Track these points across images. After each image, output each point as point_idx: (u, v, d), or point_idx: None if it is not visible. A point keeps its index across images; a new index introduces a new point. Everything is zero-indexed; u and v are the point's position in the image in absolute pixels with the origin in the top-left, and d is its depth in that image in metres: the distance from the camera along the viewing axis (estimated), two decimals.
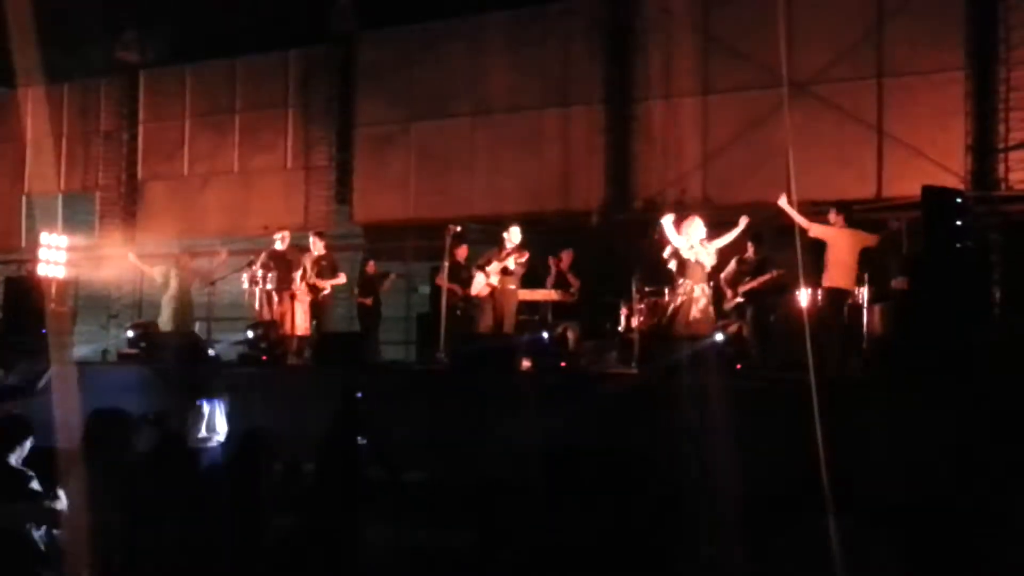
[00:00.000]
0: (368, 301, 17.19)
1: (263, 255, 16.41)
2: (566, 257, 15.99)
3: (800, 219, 13.15)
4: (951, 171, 15.26)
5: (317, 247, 16.29)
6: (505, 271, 14.60)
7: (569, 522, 7.32)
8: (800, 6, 16.64)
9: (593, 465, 7.71)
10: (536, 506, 7.88)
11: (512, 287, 14.77)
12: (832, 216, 13.37)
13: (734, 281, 14.31)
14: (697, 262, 13.06)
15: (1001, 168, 15.40)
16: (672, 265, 13.33)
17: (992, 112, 15.45)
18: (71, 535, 7.15)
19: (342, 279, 16.45)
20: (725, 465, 9.28)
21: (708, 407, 10.27)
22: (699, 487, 9.07)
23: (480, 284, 14.76)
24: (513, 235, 14.87)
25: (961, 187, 14.64)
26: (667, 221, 13.25)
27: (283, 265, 16.19)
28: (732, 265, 14.25)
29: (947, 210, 12.15)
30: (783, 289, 13.92)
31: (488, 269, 14.71)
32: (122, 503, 7.47)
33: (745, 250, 14.28)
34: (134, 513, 7.18)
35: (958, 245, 11.96)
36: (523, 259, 14.67)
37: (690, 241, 13.11)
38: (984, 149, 15.43)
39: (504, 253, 14.78)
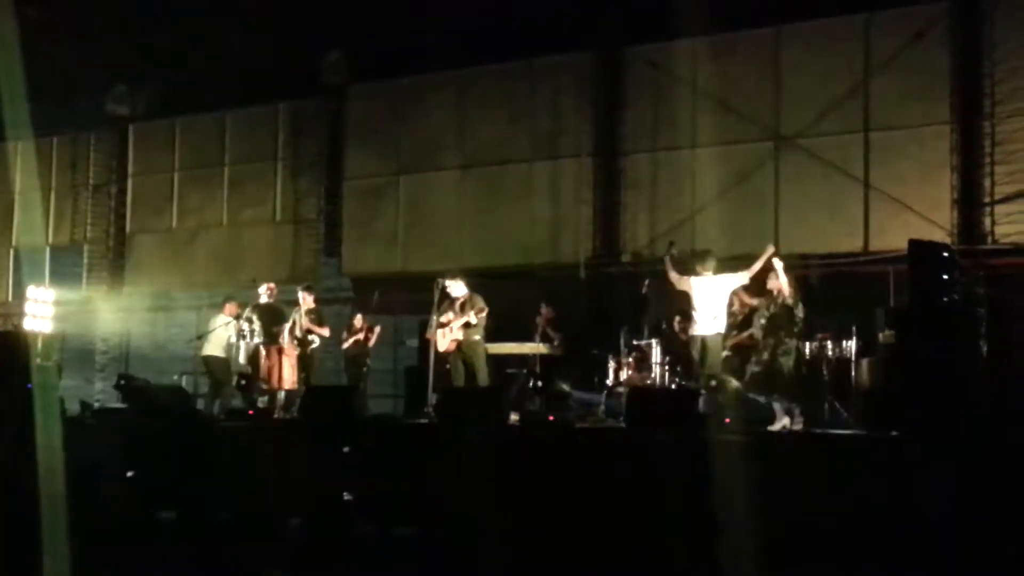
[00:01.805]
0: (354, 341, 17.13)
1: (247, 308, 16.37)
2: (546, 312, 15.99)
3: (672, 275, 13.12)
4: (938, 224, 15.32)
5: (306, 301, 16.25)
6: (467, 325, 14.39)
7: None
8: (788, 61, 16.79)
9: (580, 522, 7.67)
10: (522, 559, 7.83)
11: (476, 338, 14.52)
12: (700, 266, 13.18)
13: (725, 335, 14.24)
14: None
15: (987, 222, 15.45)
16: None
17: (978, 166, 15.52)
18: None
19: (325, 332, 16.37)
20: (709, 519, 9.25)
21: (695, 460, 10.22)
22: (688, 541, 9.02)
23: (445, 341, 14.51)
24: (454, 289, 14.69)
25: (948, 240, 14.70)
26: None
27: (269, 318, 16.13)
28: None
29: (934, 263, 12.18)
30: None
31: (452, 325, 14.46)
32: None
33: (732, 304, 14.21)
34: None
35: (945, 299, 11.99)
36: (483, 314, 14.43)
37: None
38: (970, 202, 15.49)
39: (459, 305, 14.50)
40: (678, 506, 9.95)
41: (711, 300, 12.95)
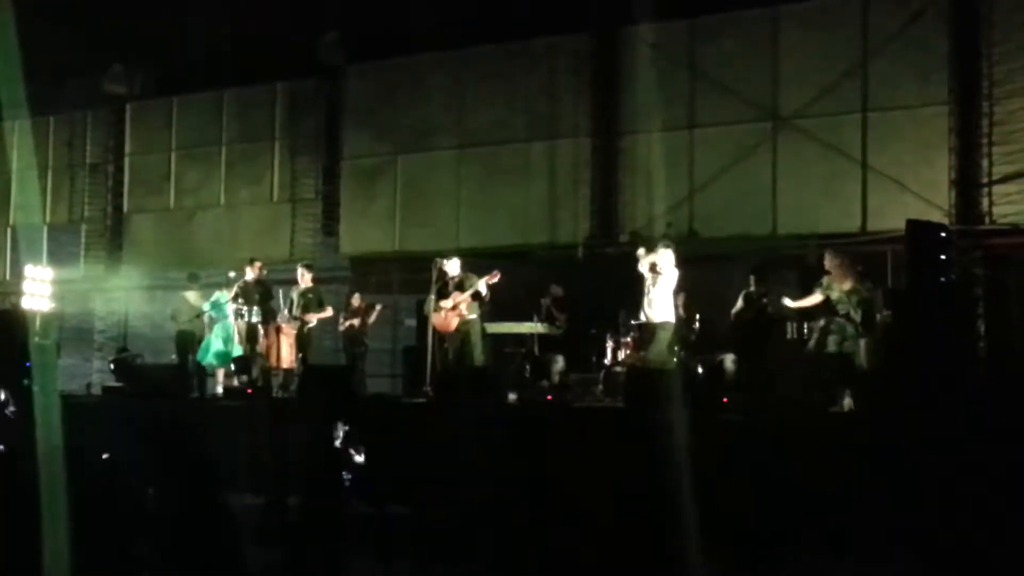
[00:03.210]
0: (355, 321, 17.15)
1: (235, 287, 16.38)
2: (555, 291, 15.99)
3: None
4: (935, 205, 15.32)
5: (305, 279, 16.26)
6: (476, 295, 14.40)
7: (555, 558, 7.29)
8: (786, 41, 16.76)
9: (578, 502, 7.68)
10: (519, 540, 7.85)
11: (474, 317, 14.54)
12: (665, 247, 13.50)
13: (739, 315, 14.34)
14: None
15: (985, 202, 15.46)
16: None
17: (976, 147, 15.52)
18: None
19: (328, 312, 16.41)
20: (711, 500, 9.27)
21: (689, 440, 10.24)
22: (685, 522, 9.05)
23: (450, 319, 14.50)
24: (452, 267, 14.71)
25: (945, 221, 14.71)
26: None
27: (259, 296, 16.13)
28: (740, 302, 14.24)
29: (931, 244, 12.19)
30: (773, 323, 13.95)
31: (458, 303, 14.44)
32: None
33: (749, 285, 14.28)
34: None
35: (942, 279, 12.01)
36: (494, 280, 14.43)
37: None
38: (968, 183, 15.49)
39: (454, 285, 14.50)
40: (675, 484, 9.98)
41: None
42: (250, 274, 16.37)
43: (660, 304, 13.28)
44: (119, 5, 20.56)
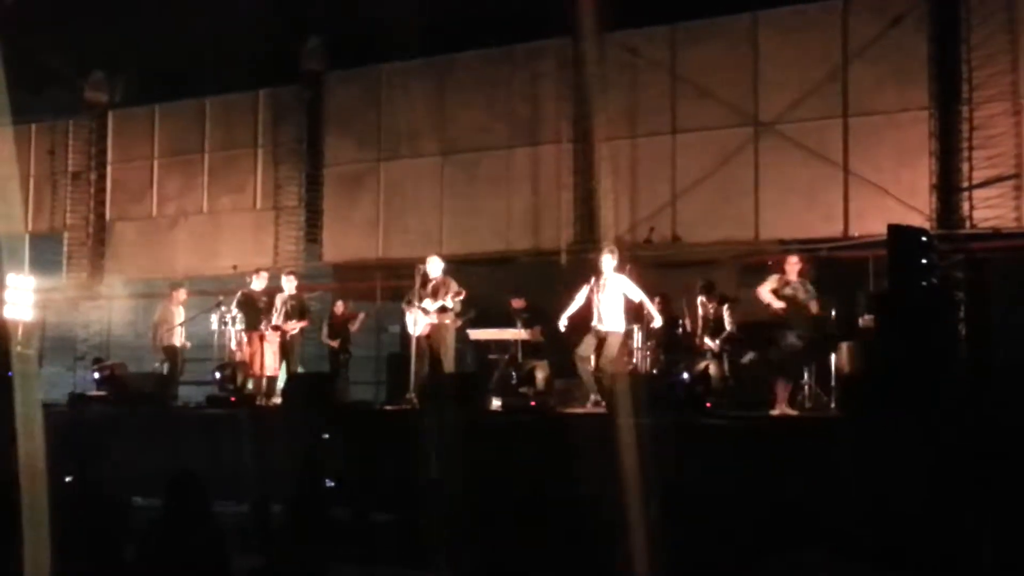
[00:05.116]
0: (335, 342, 17.17)
1: (238, 295, 16.37)
2: (516, 304, 16.00)
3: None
4: (916, 209, 15.38)
5: (289, 287, 16.24)
6: (443, 309, 14.41)
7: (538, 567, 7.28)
8: (767, 46, 16.81)
9: (560, 506, 7.68)
10: (502, 548, 7.84)
11: (447, 323, 14.58)
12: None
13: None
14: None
15: (965, 206, 15.52)
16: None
17: (956, 151, 15.58)
18: None
19: (304, 323, 16.35)
20: (693, 503, 9.27)
21: (672, 445, 10.27)
22: (665, 525, 9.05)
23: (423, 324, 14.50)
24: (432, 267, 14.75)
25: (926, 225, 14.76)
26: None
27: (255, 305, 16.13)
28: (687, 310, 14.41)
29: (912, 248, 12.24)
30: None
31: (425, 307, 14.46)
32: None
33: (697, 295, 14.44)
34: None
35: (923, 283, 12.05)
36: (460, 297, 14.44)
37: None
38: (948, 187, 15.56)
39: (431, 289, 14.54)
40: (659, 490, 10.00)
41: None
42: (257, 283, 16.37)
43: (609, 313, 13.39)
44: (100, 12, 20.50)
